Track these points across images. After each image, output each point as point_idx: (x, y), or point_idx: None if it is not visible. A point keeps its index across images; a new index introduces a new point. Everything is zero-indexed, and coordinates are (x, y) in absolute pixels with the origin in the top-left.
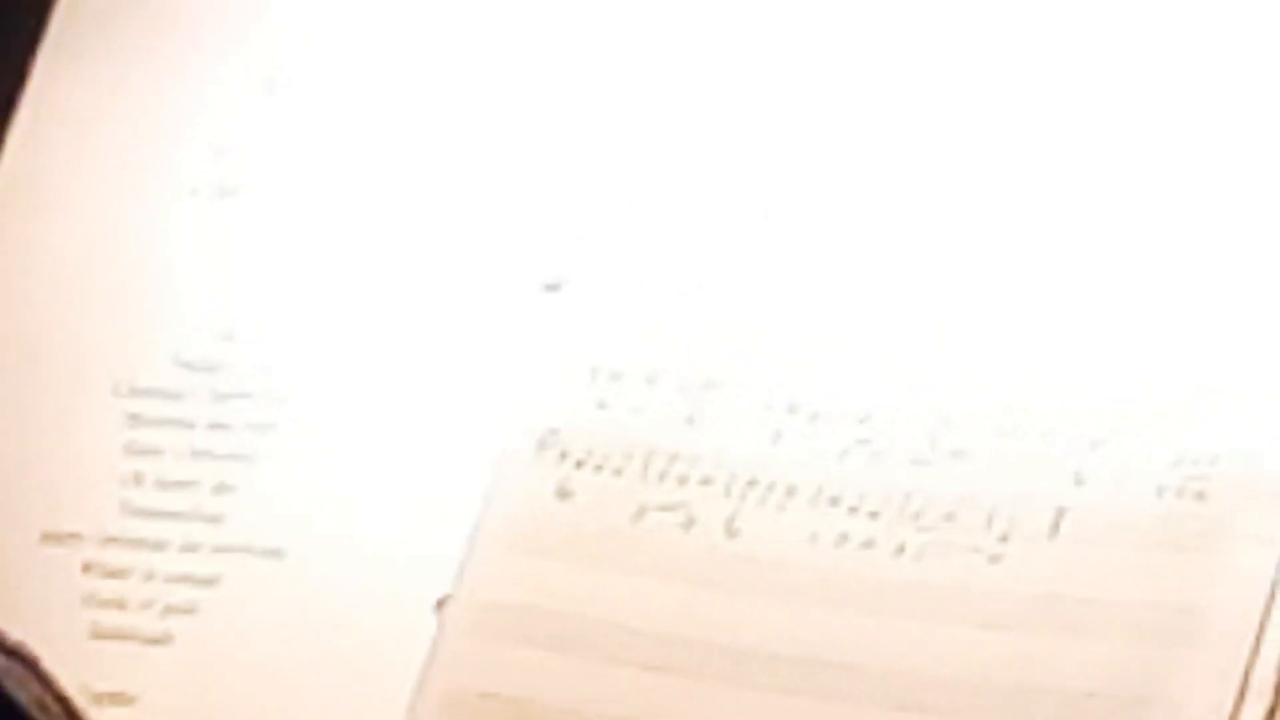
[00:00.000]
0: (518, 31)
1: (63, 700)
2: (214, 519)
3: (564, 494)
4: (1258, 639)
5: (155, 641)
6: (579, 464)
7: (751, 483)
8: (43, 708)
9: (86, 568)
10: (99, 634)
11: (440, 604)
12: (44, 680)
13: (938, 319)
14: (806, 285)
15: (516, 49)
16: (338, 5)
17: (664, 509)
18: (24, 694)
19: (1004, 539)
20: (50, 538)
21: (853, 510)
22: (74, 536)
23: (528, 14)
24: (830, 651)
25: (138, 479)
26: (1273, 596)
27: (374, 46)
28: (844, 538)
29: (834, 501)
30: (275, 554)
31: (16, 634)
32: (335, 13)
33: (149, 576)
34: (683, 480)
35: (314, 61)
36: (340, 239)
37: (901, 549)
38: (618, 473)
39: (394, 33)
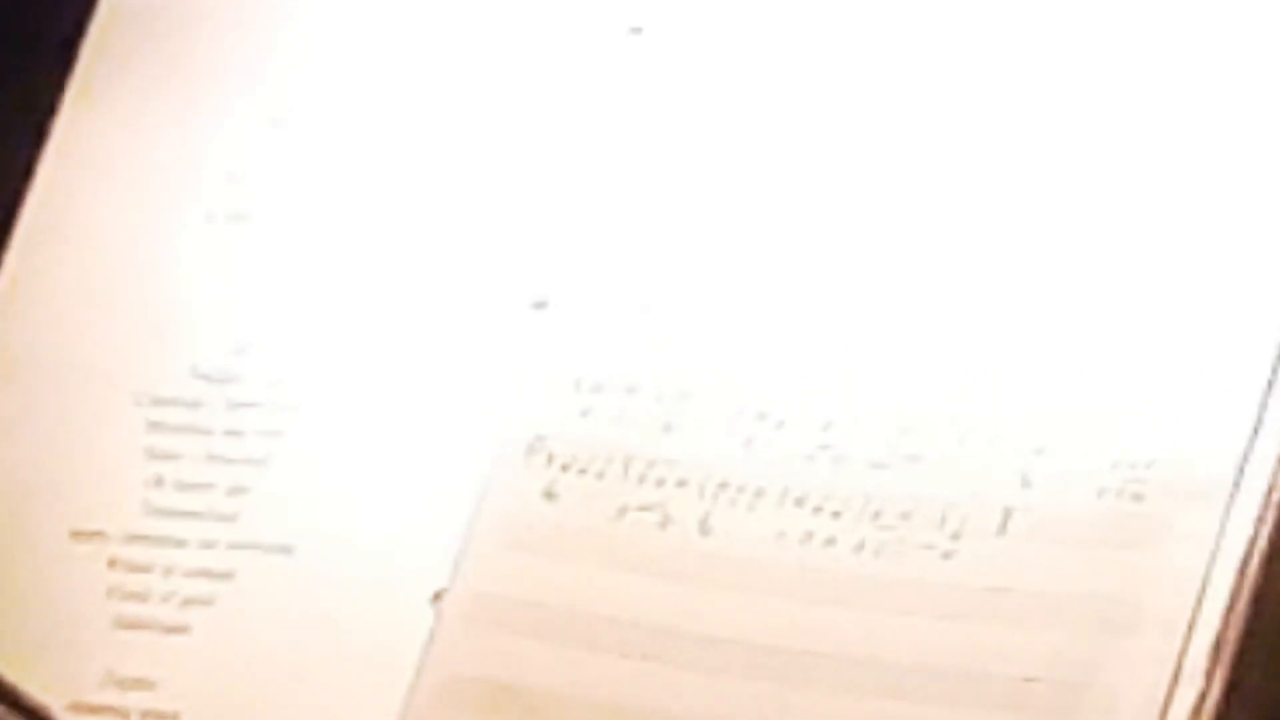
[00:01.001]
0: (505, 75)
1: None
2: (229, 518)
3: (550, 495)
4: (1190, 629)
5: (175, 631)
6: (564, 468)
7: (723, 485)
8: None
9: (111, 563)
10: (123, 624)
11: (437, 596)
12: None
13: (895, 336)
14: (774, 305)
15: (504, 92)
16: (338, 49)
17: (642, 509)
18: None
19: (956, 537)
20: (78, 535)
21: (816, 510)
22: (100, 534)
23: (514, 57)
24: (795, 640)
25: (158, 481)
26: (1203, 590)
27: (372, 85)
28: (809, 536)
29: (799, 502)
30: (285, 550)
31: (48, 624)
32: (336, 55)
33: (169, 571)
34: (660, 483)
35: (317, 99)
36: (343, 261)
37: (861, 546)
38: (600, 476)
39: (391, 72)
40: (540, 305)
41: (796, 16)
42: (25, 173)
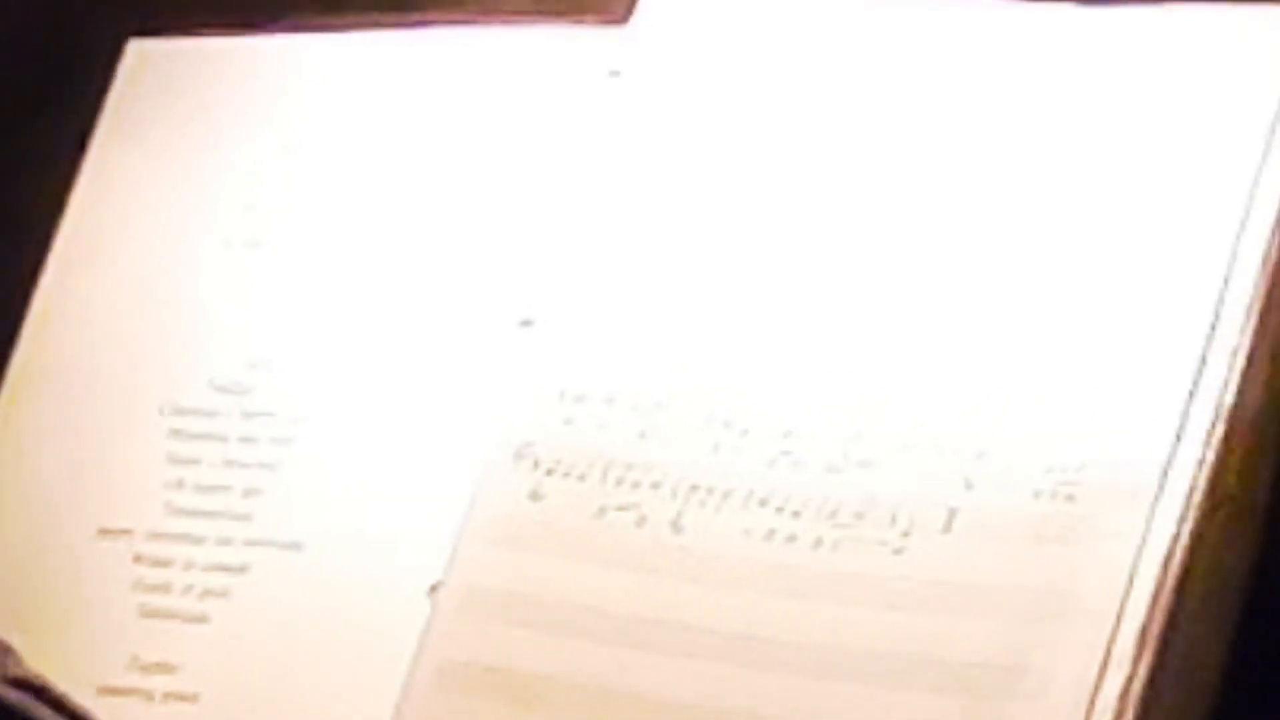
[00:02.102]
0: (496, 117)
1: None
2: (243, 518)
3: (536, 496)
4: (1118, 618)
5: (195, 620)
6: (549, 472)
7: (693, 487)
8: None
9: (137, 558)
10: (147, 614)
11: (433, 588)
12: None
13: (849, 353)
14: (739, 324)
15: (495, 132)
16: (344, 93)
17: (620, 509)
18: None
19: (905, 534)
20: (106, 533)
21: (778, 510)
22: (126, 532)
23: (505, 102)
24: (759, 628)
25: (180, 484)
26: (1130, 582)
27: (375, 126)
28: (771, 533)
29: (762, 503)
30: (295, 547)
31: (78, 613)
32: (342, 99)
33: (189, 565)
34: (636, 485)
35: (324, 138)
36: (349, 283)
37: (819, 542)
38: (581, 479)
39: (392, 114)
40: (527, 324)
41: (758, 62)
42: (60, 202)
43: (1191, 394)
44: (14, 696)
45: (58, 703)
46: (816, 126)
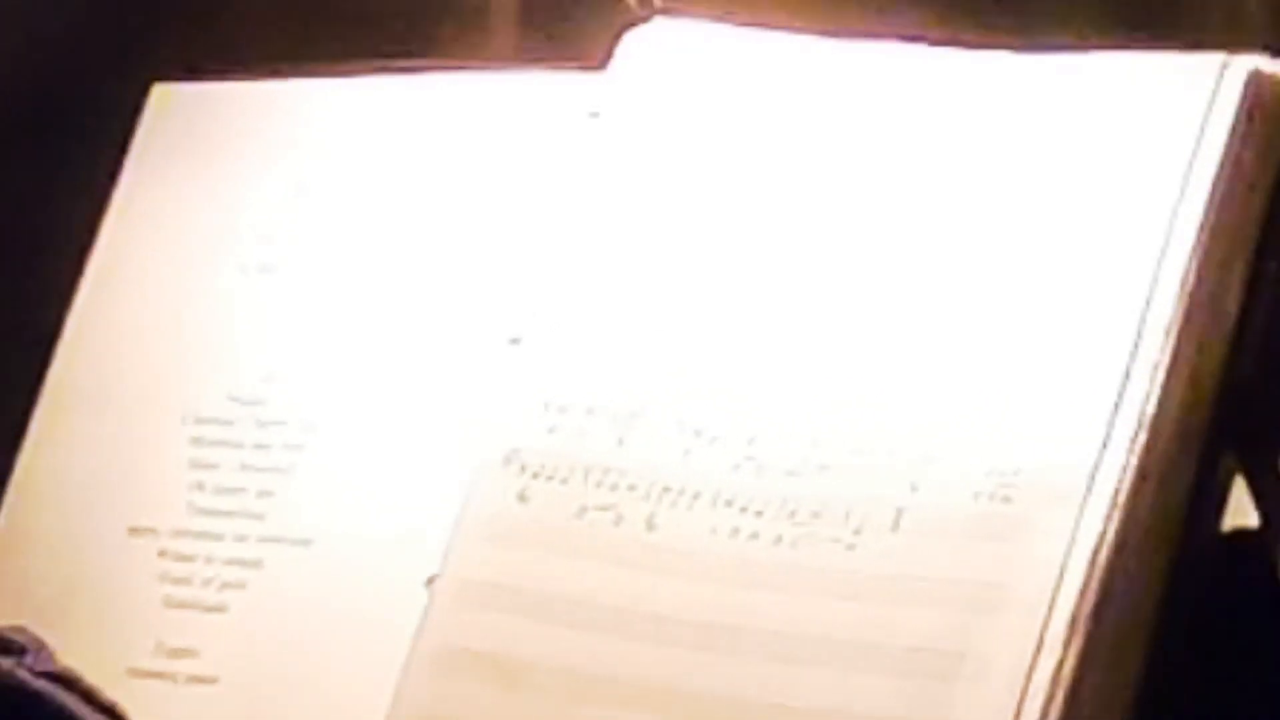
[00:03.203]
0: (487, 156)
1: None
2: (258, 516)
3: (523, 498)
4: (1050, 608)
5: (214, 610)
6: (535, 475)
7: (666, 489)
8: None
9: (162, 553)
10: (171, 604)
11: (430, 581)
12: None
13: (807, 369)
14: (707, 341)
15: (486, 169)
16: (350, 132)
17: (599, 509)
18: None
19: (857, 532)
20: (134, 531)
21: (743, 510)
22: (152, 530)
23: (494, 142)
24: (725, 617)
25: (200, 486)
26: (1061, 576)
27: (380, 161)
28: (736, 531)
29: (728, 503)
30: (305, 543)
31: (109, 604)
32: (348, 137)
33: (209, 560)
34: (613, 487)
35: (333, 172)
36: (354, 305)
37: (779, 539)
38: (564, 482)
39: (394, 151)
40: (515, 341)
41: (725, 103)
42: (91, 232)
43: (1116, 405)
44: (48, 690)
45: (88, 695)
46: (778, 162)
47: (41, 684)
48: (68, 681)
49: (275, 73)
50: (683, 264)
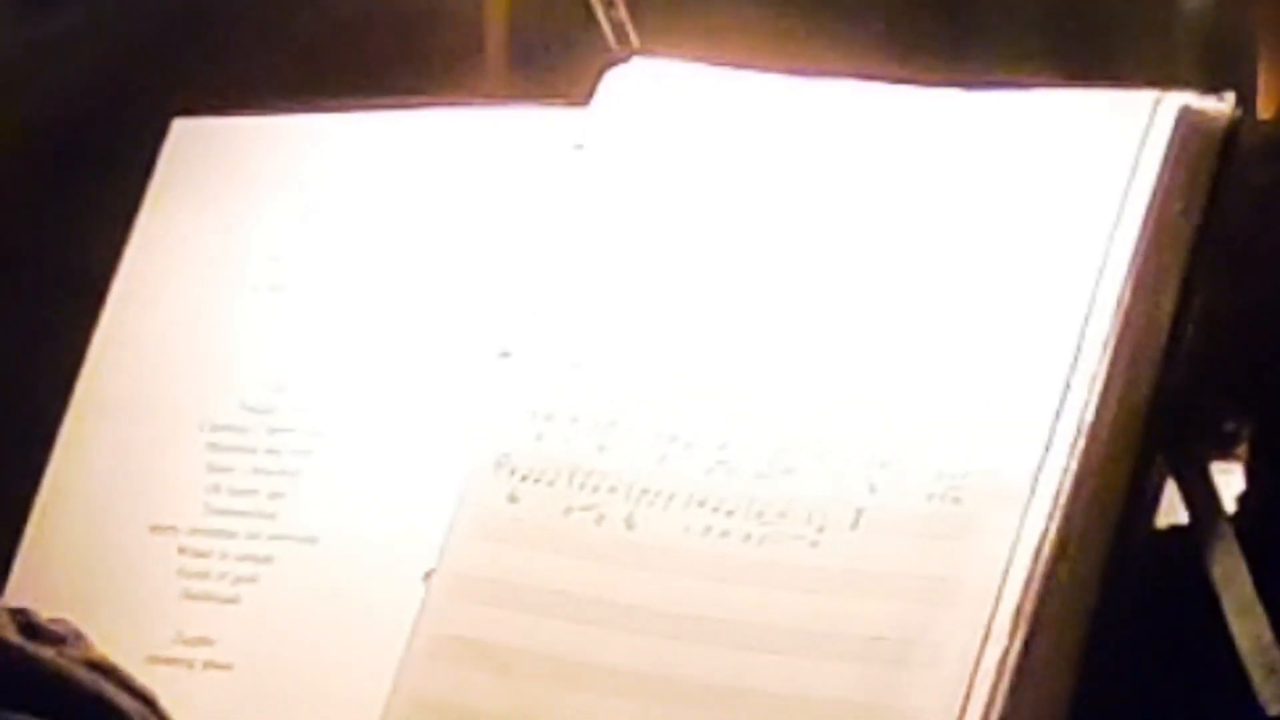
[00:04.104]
0: (478, 185)
1: None
2: (269, 516)
3: (513, 499)
4: (996, 601)
5: (229, 601)
6: (523, 478)
7: (644, 491)
8: None
9: (181, 550)
10: (189, 596)
11: (427, 575)
12: (162, 716)
13: (773, 381)
14: (681, 356)
15: (478, 196)
16: (354, 162)
17: (583, 509)
18: None
19: (820, 530)
20: (155, 529)
21: (714, 510)
22: (172, 528)
23: (486, 174)
24: (699, 609)
25: (216, 488)
26: (1007, 571)
27: (382, 188)
28: (708, 529)
29: (701, 504)
30: (312, 541)
31: (132, 596)
32: (352, 166)
33: (224, 556)
34: (595, 489)
35: (338, 198)
36: (358, 321)
37: (748, 537)
38: (550, 484)
39: (396, 178)
40: (505, 354)
41: (698, 136)
42: (116, 254)
43: (1057, 413)
44: (88, 677)
45: (124, 682)
46: (746, 191)
47: (81, 672)
48: (105, 669)
49: (284, 109)
50: (660, 284)
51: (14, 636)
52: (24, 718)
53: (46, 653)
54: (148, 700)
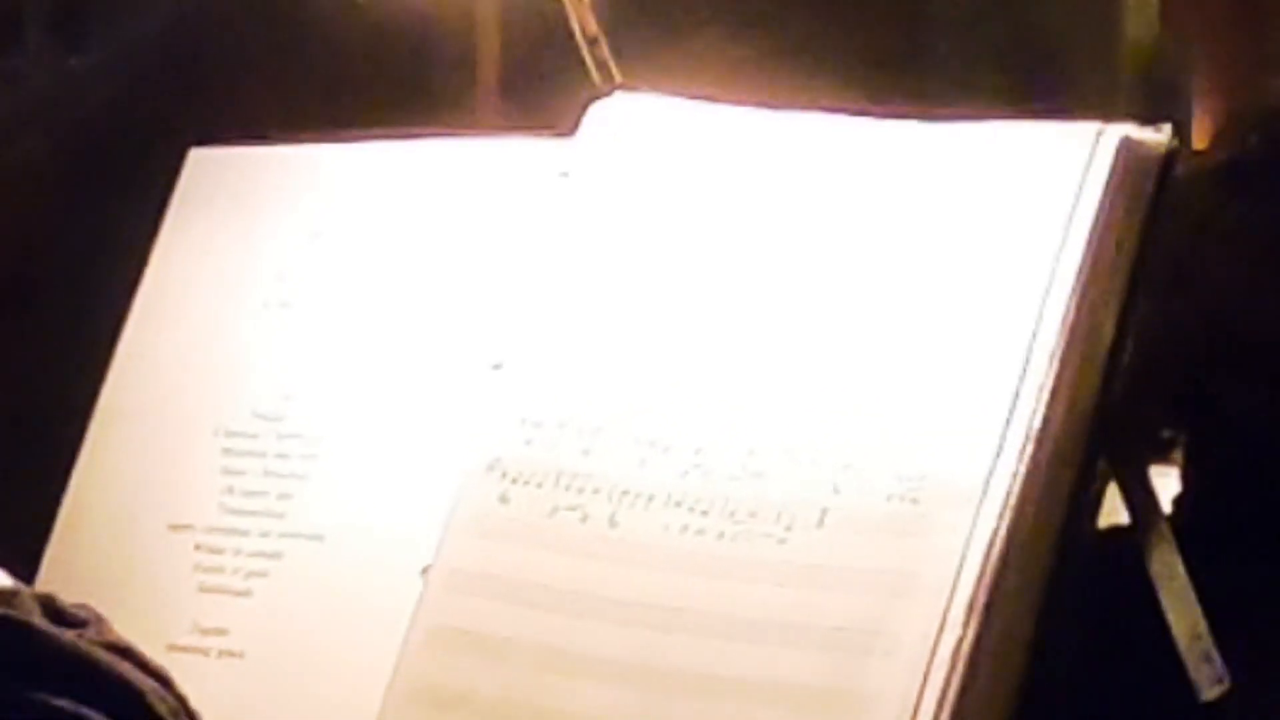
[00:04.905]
0: (471, 210)
1: (192, 714)
2: (278, 515)
3: (504, 500)
4: (951, 593)
5: (241, 594)
6: (514, 480)
7: (625, 492)
8: (177, 715)
9: (197, 547)
10: (205, 589)
11: (425, 570)
12: (178, 695)
13: (745, 391)
14: (661, 367)
15: (470, 218)
16: (356, 188)
17: (569, 509)
18: (163, 706)
19: (788, 529)
20: (174, 527)
21: (691, 510)
22: (189, 526)
23: (477, 200)
24: (676, 600)
25: (229, 490)
26: (961, 566)
27: (382, 212)
28: (685, 528)
29: (678, 504)
30: (318, 538)
31: (152, 589)
32: (355, 192)
33: (237, 552)
34: (580, 490)
35: (342, 222)
36: (360, 335)
37: (722, 535)
38: (539, 486)
39: (395, 203)
40: (497, 366)
41: (675, 164)
42: (137, 273)
43: (1008, 421)
44: (108, 658)
45: (141, 663)
46: (719, 214)
47: (101, 653)
48: (124, 651)
49: (292, 140)
50: (641, 301)
51: (39, 620)
52: (47, 696)
53: (69, 635)
54: (163, 679)
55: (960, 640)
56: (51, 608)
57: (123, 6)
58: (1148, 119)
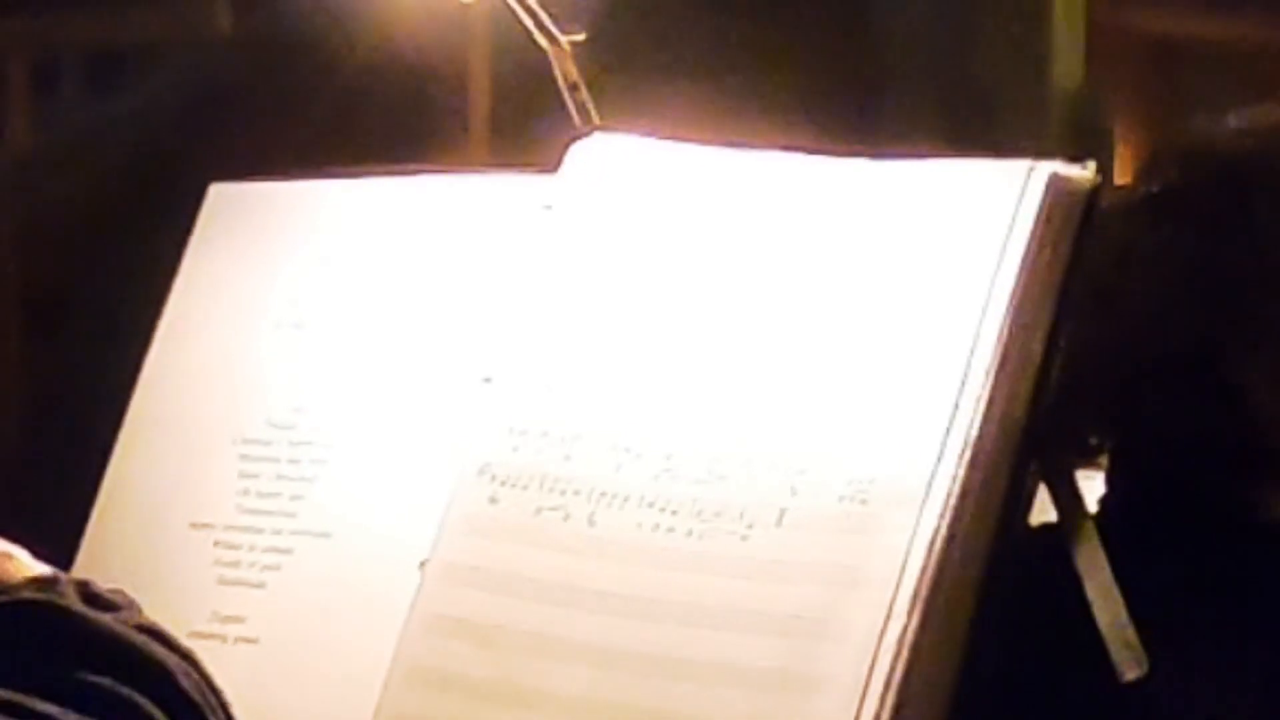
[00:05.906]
0: (461, 241)
1: (216, 689)
2: (290, 515)
3: (493, 501)
4: (897, 585)
5: (257, 586)
6: (502, 483)
7: (603, 494)
8: (201, 691)
9: (216, 543)
10: (223, 581)
11: (423, 564)
12: (202, 673)
13: (712, 402)
14: (635, 381)
15: (461, 249)
16: (361, 219)
17: (552, 509)
18: (189, 682)
19: (750, 527)
20: (195, 525)
21: (661, 510)
22: (209, 525)
23: (468, 234)
24: (649, 591)
25: (246, 491)
26: (906, 560)
27: (383, 241)
28: (657, 526)
29: (650, 505)
30: (326, 536)
31: (175, 582)
32: (360, 223)
33: (252, 548)
34: (562, 492)
35: (349, 249)
36: (365, 352)
37: (690, 532)
38: (525, 488)
39: (395, 232)
40: (487, 380)
41: (650, 198)
42: (162, 297)
43: (948, 429)
44: (139, 638)
45: (170, 643)
46: (688, 244)
47: (133, 634)
48: (154, 632)
49: (303, 175)
50: (617, 321)
51: (77, 604)
52: (88, 674)
53: (104, 618)
54: (190, 659)
55: (905, 628)
56: (88, 592)
57: (149, 58)
58: (1074, 157)
